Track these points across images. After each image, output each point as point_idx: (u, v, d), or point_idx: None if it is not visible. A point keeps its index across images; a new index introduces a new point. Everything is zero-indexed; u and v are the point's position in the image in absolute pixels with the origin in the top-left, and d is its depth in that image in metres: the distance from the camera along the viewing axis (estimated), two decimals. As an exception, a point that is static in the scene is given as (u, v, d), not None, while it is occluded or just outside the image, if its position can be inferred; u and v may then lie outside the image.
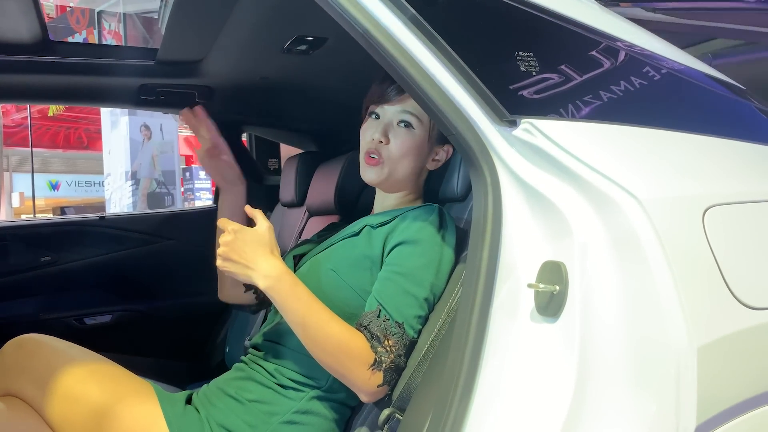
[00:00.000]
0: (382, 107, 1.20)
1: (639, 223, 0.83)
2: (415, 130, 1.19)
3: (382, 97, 1.20)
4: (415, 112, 1.18)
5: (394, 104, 1.19)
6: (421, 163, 1.22)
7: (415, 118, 1.18)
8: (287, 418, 1.13)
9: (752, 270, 0.91)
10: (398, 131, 1.19)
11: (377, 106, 1.21)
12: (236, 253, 1.05)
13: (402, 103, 1.18)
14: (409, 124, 1.18)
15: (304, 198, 2.08)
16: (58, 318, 2.18)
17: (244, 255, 1.05)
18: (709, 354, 0.82)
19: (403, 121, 1.19)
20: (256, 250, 1.05)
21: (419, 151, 1.20)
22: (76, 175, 13.83)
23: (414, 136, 1.19)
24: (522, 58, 0.95)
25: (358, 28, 0.91)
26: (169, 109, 2.22)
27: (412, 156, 1.19)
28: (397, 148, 1.18)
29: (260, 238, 1.07)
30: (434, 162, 1.25)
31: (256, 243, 1.06)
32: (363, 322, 1.07)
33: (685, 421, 0.79)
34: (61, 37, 9.81)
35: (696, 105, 1.11)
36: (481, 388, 0.86)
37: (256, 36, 1.64)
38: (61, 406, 1.06)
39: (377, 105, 1.21)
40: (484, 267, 0.89)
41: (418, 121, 1.18)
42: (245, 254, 1.05)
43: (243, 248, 1.05)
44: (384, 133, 1.18)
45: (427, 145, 1.21)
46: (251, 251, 1.05)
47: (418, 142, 1.19)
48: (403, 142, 1.18)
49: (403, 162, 1.19)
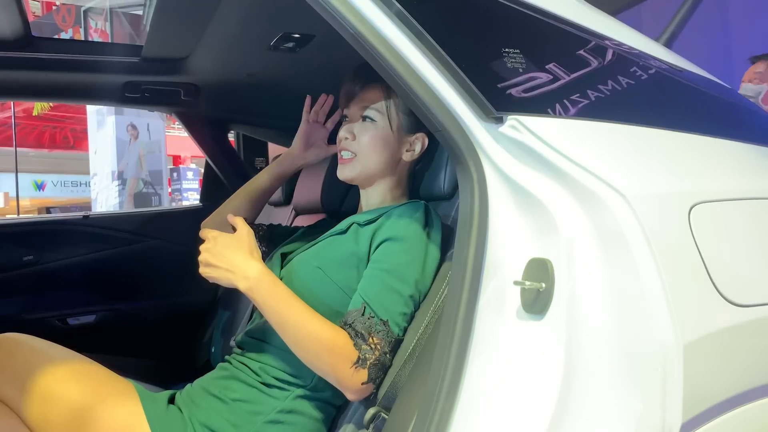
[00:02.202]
0: (348, 108, 1.26)
1: (625, 221, 0.82)
2: (377, 122, 1.22)
3: (346, 99, 1.26)
4: (373, 106, 1.22)
5: (356, 102, 1.24)
6: (392, 153, 1.24)
7: (375, 111, 1.22)
8: (272, 417, 1.12)
9: (738, 267, 0.91)
10: (362, 126, 1.23)
11: (344, 108, 1.27)
12: (216, 258, 1.08)
13: (362, 101, 1.23)
14: (371, 118, 1.22)
15: (290, 197, 2.07)
16: (41, 318, 2.16)
17: (224, 259, 1.07)
18: (695, 351, 0.82)
19: (365, 116, 1.23)
20: (235, 254, 1.08)
21: (385, 141, 1.22)
22: (62, 175, 13.71)
23: (377, 128, 1.22)
24: (509, 54, 0.94)
25: (344, 24, 0.90)
26: (155, 107, 2.21)
27: (379, 147, 1.22)
28: (364, 141, 1.22)
29: (239, 242, 1.09)
30: (409, 153, 1.25)
31: (235, 247, 1.08)
32: (347, 320, 1.06)
33: (670, 419, 0.79)
34: (46, 35, 9.71)
35: (683, 103, 1.11)
36: (467, 386, 0.85)
37: (241, 33, 1.62)
38: (40, 406, 1.04)
39: (344, 107, 1.27)
40: (471, 264, 0.89)
41: (377, 113, 1.22)
42: (225, 258, 1.07)
43: (223, 252, 1.08)
44: (350, 131, 1.23)
45: (394, 135, 1.23)
46: (230, 255, 1.07)
47: (382, 133, 1.22)
48: (367, 136, 1.22)
49: (372, 154, 1.22)
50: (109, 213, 2.56)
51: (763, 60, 2.58)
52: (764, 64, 2.57)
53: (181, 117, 2.28)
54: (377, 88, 1.21)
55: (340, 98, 1.28)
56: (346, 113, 1.27)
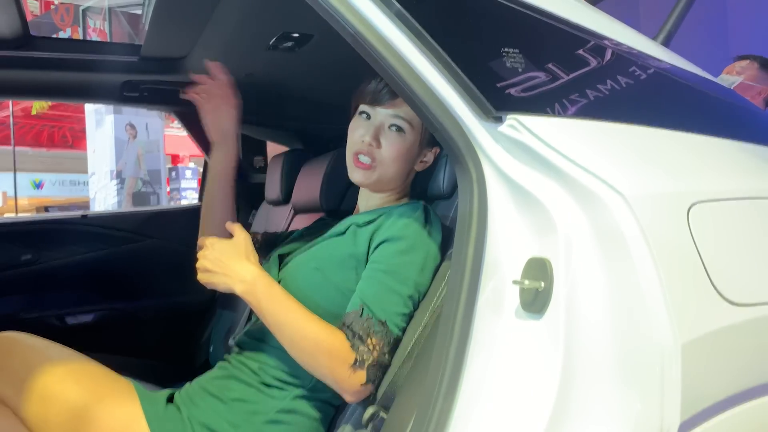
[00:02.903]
0: (374, 108, 1.19)
1: (624, 220, 0.82)
2: (407, 135, 1.18)
3: (374, 99, 1.18)
4: (407, 117, 1.16)
5: (387, 107, 1.17)
6: (410, 166, 1.22)
7: (407, 123, 1.17)
8: (270, 417, 1.11)
9: (736, 266, 0.91)
10: (389, 135, 1.17)
11: (369, 106, 1.19)
12: (213, 263, 1.09)
13: (395, 108, 1.17)
14: (401, 129, 1.17)
15: (289, 196, 2.06)
16: (39, 317, 2.15)
17: (221, 264, 1.08)
18: (693, 351, 0.82)
19: (395, 125, 1.17)
20: (231, 258, 1.09)
21: (409, 155, 1.20)
22: (61, 174, 13.69)
23: (405, 141, 1.18)
24: (508, 54, 0.94)
25: (343, 23, 0.90)
26: (154, 106, 2.20)
27: (402, 160, 1.19)
28: (388, 153, 1.17)
29: (236, 247, 1.10)
30: (422, 164, 1.24)
31: (231, 252, 1.10)
32: (346, 322, 1.06)
33: (669, 418, 0.79)
34: (45, 35, 9.69)
35: (681, 103, 1.11)
36: (466, 386, 0.85)
37: (240, 32, 1.62)
38: (38, 405, 1.04)
39: (369, 105, 1.19)
40: (469, 263, 0.89)
41: (409, 126, 1.17)
42: (221, 263, 1.08)
43: (219, 258, 1.09)
44: (375, 136, 1.17)
45: (417, 149, 1.21)
46: (227, 259, 1.09)
47: (408, 147, 1.18)
48: (394, 147, 1.17)
49: (393, 166, 1.18)
50: (108, 212, 2.55)
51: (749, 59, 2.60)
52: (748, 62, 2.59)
53: (180, 116, 2.28)
54: None
55: (363, 93, 1.20)
56: (368, 111, 1.19)
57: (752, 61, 2.60)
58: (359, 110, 1.21)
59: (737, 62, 2.65)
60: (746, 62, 2.61)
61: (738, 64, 2.64)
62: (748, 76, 2.57)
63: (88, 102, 4.50)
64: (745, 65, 2.61)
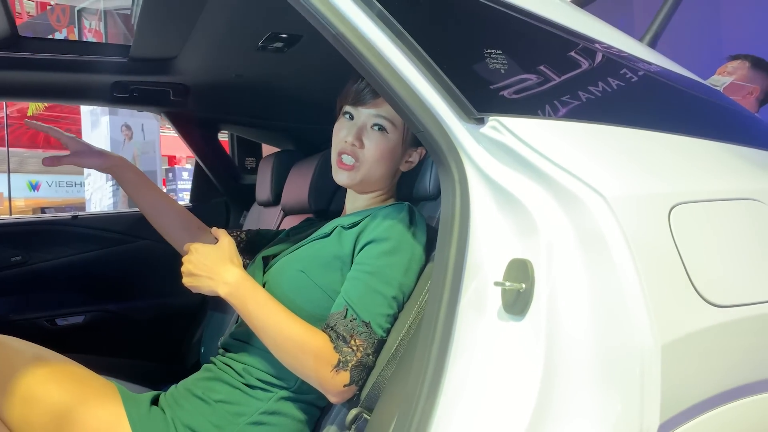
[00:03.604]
0: (356, 109, 1.19)
1: (605, 221, 0.82)
2: (389, 135, 1.18)
3: (356, 99, 1.18)
4: (389, 117, 1.17)
5: (369, 107, 1.17)
6: (395, 166, 1.22)
7: (389, 122, 1.17)
8: (254, 419, 1.11)
9: (717, 268, 0.91)
10: (372, 135, 1.18)
11: (351, 107, 1.20)
12: (197, 267, 1.10)
13: (377, 107, 1.17)
14: (383, 128, 1.17)
15: (279, 197, 2.06)
16: (29, 319, 2.14)
17: (205, 268, 1.09)
18: (673, 352, 0.82)
19: (377, 125, 1.17)
20: (215, 262, 1.10)
21: (393, 155, 1.19)
22: (57, 176, 13.66)
23: (388, 141, 1.18)
24: (490, 56, 0.94)
25: (325, 24, 0.90)
26: (144, 107, 2.20)
27: (385, 160, 1.19)
28: (371, 153, 1.17)
29: (220, 251, 1.11)
30: (407, 164, 1.24)
31: (215, 256, 1.10)
32: (330, 323, 1.06)
33: (648, 419, 0.79)
34: (40, 35, 9.68)
35: (666, 104, 1.11)
36: (448, 387, 0.85)
37: (229, 33, 1.62)
38: (21, 407, 1.04)
39: (351, 106, 1.20)
40: (452, 264, 0.89)
41: (392, 126, 1.17)
42: (206, 267, 1.09)
43: (204, 262, 1.10)
44: (358, 137, 1.17)
45: (400, 149, 1.20)
46: (211, 263, 1.09)
47: (391, 146, 1.18)
48: (377, 146, 1.17)
49: (376, 166, 1.18)
50: (99, 213, 2.54)
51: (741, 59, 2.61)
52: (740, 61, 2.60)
53: (171, 117, 2.27)
54: None
55: (346, 94, 1.21)
56: (351, 112, 1.20)
57: (744, 60, 2.61)
58: (343, 111, 1.22)
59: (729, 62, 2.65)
60: (738, 62, 2.62)
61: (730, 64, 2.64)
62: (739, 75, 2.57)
63: (77, 103, 4.49)
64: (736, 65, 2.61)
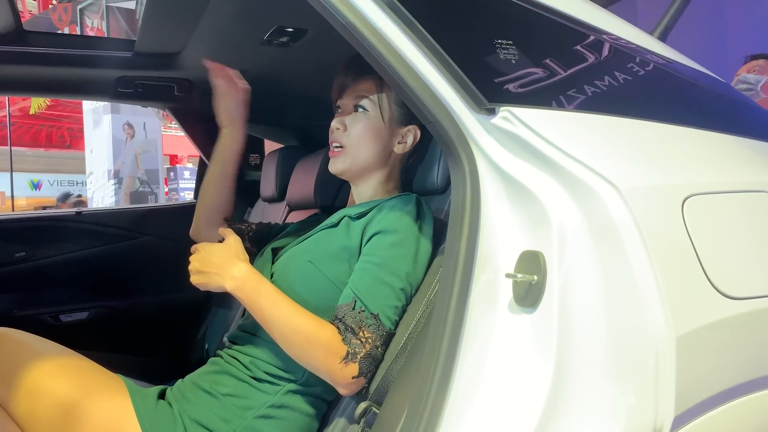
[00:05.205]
0: (341, 99, 1.24)
1: (618, 212, 0.81)
2: (369, 113, 1.21)
3: (340, 91, 1.24)
4: (365, 94, 1.21)
5: (349, 93, 1.22)
6: (383, 145, 1.22)
7: (367, 101, 1.21)
8: (262, 412, 1.10)
9: (731, 260, 0.90)
10: (354, 117, 1.22)
11: (337, 99, 1.25)
12: (204, 264, 1.12)
13: (355, 91, 1.21)
14: (363, 108, 1.21)
15: (284, 193, 2.06)
16: (33, 315, 2.14)
17: (212, 265, 1.11)
18: (688, 344, 0.81)
19: (358, 106, 1.21)
20: (221, 258, 1.11)
21: (377, 132, 1.21)
22: (59, 175, 13.69)
23: (369, 119, 1.21)
24: (501, 46, 0.93)
25: (334, 14, 0.89)
26: (148, 102, 2.19)
27: (370, 138, 1.20)
28: (354, 132, 1.21)
29: (226, 248, 1.13)
30: (401, 145, 1.24)
31: (222, 253, 1.12)
32: (338, 314, 1.05)
33: (663, 412, 0.78)
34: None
35: (678, 97, 1.10)
36: (458, 381, 0.84)
37: (235, 27, 1.61)
38: (27, 401, 1.03)
39: (337, 99, 1.25)
40: (462, 256, 0.88)
41: (370, 103, 1.21)
42: (213, 264, 1.11)
43: (210, 259, 1.12)
44: (341, 122, 1.22)
45: (385, 126, 1.21)
46: (217, 260, 1.11)
47: (373, 124, 1.21)
48: (358, 125, 1.21)
49: (363, 146, 1.21)
50: (102, 209, 2.54)
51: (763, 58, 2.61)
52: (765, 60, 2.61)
53: (175, 113, 2.27)
54: (370, 79, 1.20)
55: (333, 90, 1.27)
56: (339, 104, 1.26)
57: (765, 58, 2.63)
58: (334, 107, 1.27)
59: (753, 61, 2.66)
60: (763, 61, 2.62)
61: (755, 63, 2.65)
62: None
63: (82, 98, 4.52)
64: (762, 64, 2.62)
